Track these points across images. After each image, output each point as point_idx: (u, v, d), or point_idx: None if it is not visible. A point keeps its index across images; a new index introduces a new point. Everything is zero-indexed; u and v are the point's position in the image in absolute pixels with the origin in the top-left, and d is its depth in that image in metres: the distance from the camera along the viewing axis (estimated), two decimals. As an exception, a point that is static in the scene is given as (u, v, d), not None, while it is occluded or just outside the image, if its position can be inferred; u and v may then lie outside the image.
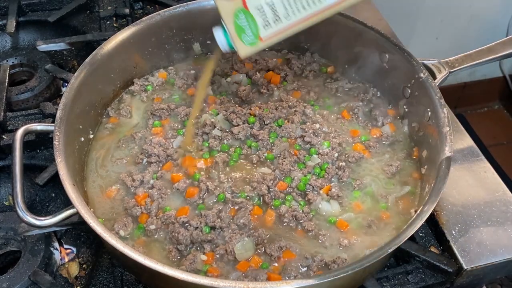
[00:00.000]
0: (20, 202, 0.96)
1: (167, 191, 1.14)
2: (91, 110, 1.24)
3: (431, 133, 1.13)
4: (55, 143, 1.03)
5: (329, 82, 1.39)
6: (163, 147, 1.21)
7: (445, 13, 2.69)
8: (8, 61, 1.58)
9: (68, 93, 1.13)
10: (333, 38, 1.38)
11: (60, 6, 1.73)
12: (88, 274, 1.11)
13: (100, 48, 1.23)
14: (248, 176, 1.17)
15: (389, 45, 1.27)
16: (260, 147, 1.21)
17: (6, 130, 1.33)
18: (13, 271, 1.08)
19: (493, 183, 1.20)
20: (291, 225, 1.09)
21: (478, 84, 3.16)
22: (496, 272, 1.10)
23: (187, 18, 1.37)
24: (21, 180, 0.99)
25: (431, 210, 0.94)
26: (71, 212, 0.96)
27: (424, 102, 1.17)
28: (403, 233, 0.91)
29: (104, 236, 0.89)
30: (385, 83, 1.33)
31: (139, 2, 1.76)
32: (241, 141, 1.23)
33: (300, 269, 1.02)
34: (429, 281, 1.07)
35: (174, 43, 1.41)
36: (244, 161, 1.20)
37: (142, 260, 0.86)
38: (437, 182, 0.99)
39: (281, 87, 1.37)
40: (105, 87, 1.30)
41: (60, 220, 0.96)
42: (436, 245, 1.12)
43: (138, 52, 1.35)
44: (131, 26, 1.30)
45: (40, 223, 0.95)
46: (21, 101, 1.47)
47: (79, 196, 0.96)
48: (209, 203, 1.11)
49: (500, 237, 1.09)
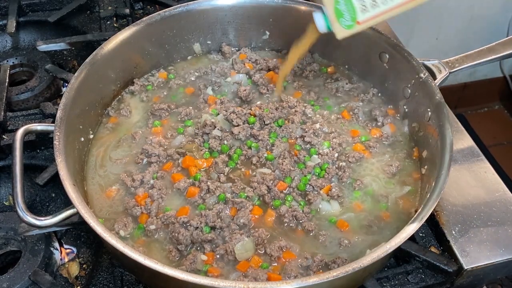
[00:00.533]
0: (20, 202, 0.96)
1: (167, 191, 1.14)
2: (91, 110, 1.24)
3: (431, 133, 1.13)
4: (55, 143, 1.03)
5: (329, 82, 1.39)
6: (163, 147, 1.21)
7: (445, 13, 2.69)
8: (8, 61, 1.58)
9: (68, 93, 1.13)
10: (333, 38, 1.38)
11: (61, 6, 1.73)
12: (88, 274, 1.11)
13: (100, 48, 1.23)
14: (248, 176, 1.17)
15: (389, 45, 1.27)
16: (260, 148, 1.21)
17: (6, 130, 1.33)
18: (13, 271, 1.08)
19: (493, 183, 1.20)
20: (291, 225, 1.09)
21: (479, 84, 3.16)
22: (496, 272, 1.10)
23: (187, 18, 1.38)
24: (21, 180, 0.99)
25: (432, 210, 0.94)
26: (71, 212, 0.96)
27: (424, 102, 1.17)
28: (403, 232, 0.91)
29: (104, 236, 0.89)
30: (385, 83, 1.33)
31: (139, 2, 1.77)
32: (241, 141, 1.23)
33: (300, 269, 1.02)
34: (429, 281, 1.07)
35: (174, 43, 1.41)
36: (244, 161, 1.20)
37: (142, 260, 0.86)
38: (437, 182, 0.99)
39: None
40: (105, 87, 1.30)
41: (60, 220, 0.97)
42: (436, 245, 1.12)
43: (138, 52, 1.35)
44: (131, 26, 1.30)
45: (40, 223, 0.95)
46: (21, 101, 1.47)
47: (79, 196, 0.96)
48: (209, 203, 1.11)
49: (500, 237, 1.09)
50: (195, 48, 1.45)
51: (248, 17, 1.41)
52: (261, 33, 1.46)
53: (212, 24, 1.42)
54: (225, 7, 1.39)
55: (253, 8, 1.40)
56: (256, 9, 1.40)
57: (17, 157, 1.01)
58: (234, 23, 1.43)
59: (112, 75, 1.30)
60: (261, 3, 1.39)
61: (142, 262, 0.85)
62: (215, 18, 1.41)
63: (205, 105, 1.33)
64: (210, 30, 1.43)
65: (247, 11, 1.40)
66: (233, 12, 1.40)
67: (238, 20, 1.42)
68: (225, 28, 1.44)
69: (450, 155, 1.02)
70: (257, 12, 1.40)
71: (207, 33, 1.44)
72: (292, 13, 1.38)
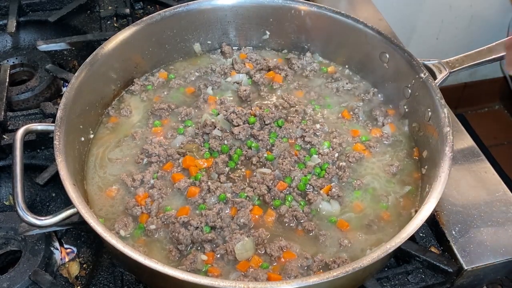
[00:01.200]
0: (20, 201, 0.96)
1: (167, 191, 1.14)
2: (91, 110, 1.24)
3: (432, 133, 1.13)
4: (56, 143, 1.03)
5: (330, 82, 1.39)
6: (164, 147, 1.21)
7: (445, 14, 2.69)
8: (8, 61, 1.58)
9: (69, 93, 1.13)
10: (334, 38, 1.38)
11: (61, 6, 1.73)
12: (89, 274, 1.11)
13: (100, 48, 1.23)
14: (249, 176, 1.17)
15: (389, 45, 1.27)
16: (261, 148, 1.21)
17: (7, 130, 1.33)
18: (13, 270, 1.08)
19: (493, 184, 1.20)
20: (291, 225, 1.09)
21: (479, 84, 3.16)
22: (496, 273, 1.10)
23: (187, 18, 1.38)
24: (22, 180, 0.99)
25: (432, 210, 0.94)
26: (72, 212, 0.97)
27: (425, 102, 1.17)
28: (404, 232, 0.91)
29: (105, 236, 0.89)
30: (386, 83, 1.33)
31: (139, 2, 1.77)
32: (241, 141, 1.23)
33: (300, 269, 1.02)
34: (429, 281, 1.07)
35: (174, 43, 1.41)
36: (244, 161, 1.20)
37: (142, 260, 0.86)
38: (437, 182, 0.99)
39: (282, 86, 1.37)
40: (105, 87, 1.30)
41: (61, 220, 0.96)
42: (436, 245, 1.12)
43: (138, 52, 1.35)
44: (132, 26, 1.30)
45: (41, 223, 0.95)
46: (22, 101, 1.47)
47: (79, 195, 0.96)
48: (209, 203, 1.11)
49: (500, 237, 1.09)
50: (196, 48, 1.45)
51: (248, 17, 1.41)
52: (262, 33, 1.46)
53: (212, 24, 1.42)
54: (225, 7, 1.39)
55: (253, 8, 1.40)
56: (256, 8, 1.40)
57: (17, 157, 1.01)
58: (234, 23, 1.43)
59: (113, 75, 1.30)
60: (261, 3, 1.39)
61: (142, 262, 0.85)
62: (215, 18, 1.41)
63: (205, 105, 1.32)
64: (210, 30, 1.43)
65: (247, 11, 1.40)
66: (233, 12, 1.40)
67: (238, 20, 1.42)
68: (225, 28, 1.44)
69: (450, 156, 1.02)
70: (257, 12, 1.40)
71: (207, 33, 1.44)
72: (292, 13, 1.38)
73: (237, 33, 1.46)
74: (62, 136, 1.05)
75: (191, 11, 1.37)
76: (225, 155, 1.20)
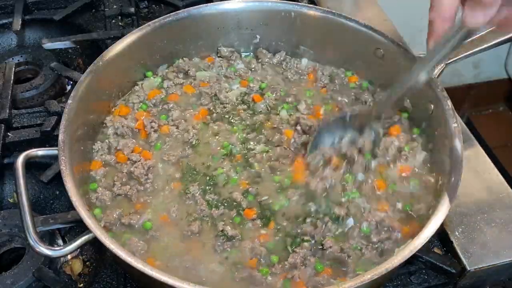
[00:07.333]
0: (32, 233, 0.91)
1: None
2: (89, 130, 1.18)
3: (436, 127, 1.13)
4: (62, 168, 0.96)
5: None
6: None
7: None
8: (13, 59, 1.59)
9: (68, 114, 1.05)
10: (328, 38, 1.35)
11: (66, 5, 1.74)
12: (92, 271, 1.11)
13: (94, 65, 1.16)
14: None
15: (384, 40, 1.25)
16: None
17: (11, 128, 1.34)
18: (17, 267, 1.08)
19: (497, 185, 1.19)
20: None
21: (483, 85, 3.14)
22: (499, 274, 1.10)
23: (189, 24, 1.32)
24: (30, 210, 0.93)
25: (443, 218, 0.93)
26: (87, 238, 0.91)
27: (426, 95, 1.15)
28: (420, 236, 0.90)
29: (130, 262, 0.85)
30: (384, 80, 1.29)
31: (144, 1, 1.76)
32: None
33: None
34: (432, 282, 1.07)
35: (175, 50, 1.36)
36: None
37: (159, 277, 0.82)
38: (452, 185, 0.98)
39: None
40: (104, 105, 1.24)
41: (76, 248, 0.91)
42: (439, 246, 1.12)
43: (139, 58, 1.30)
44: (126, 37, 1.24)
45: (53, 253, 0.90)
46: (26, 99, 1.48)
47: (95, 222, 0.91)
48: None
49: (503, 238, 1.09)
50: (200, 53, 1.40)
51: (253, 22, 1.38)
52: (265, 38, 1.41)
53: (217, 29, 1.37)
54: (230, 11, 1.34)
55: (258, 13, 1.36)
56: (259, 13, 1.36)
57: (21, 186, 0.95)
58: (238, 28, 1.39)
59: (111, 88, 1.25)
60: (265, 8, 1.36)
61: (159, 278, 0.82)
62: (220, 22, 1.36)
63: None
64: (212, 35, 1.40)
65: (252, 16, 1.36)
66: (237, 17, 1.36)
67: (242, 25, 1.39)
68: (229, 33, 1.39)
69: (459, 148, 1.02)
70: (260, 16, 1.37)
71: (209, 38, 1.40)
72: (301, 19, 1.34)
73: (240, 38, 1.41)
74: (67, 160, 0.98)
75: (194, 15, 1.31)
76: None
